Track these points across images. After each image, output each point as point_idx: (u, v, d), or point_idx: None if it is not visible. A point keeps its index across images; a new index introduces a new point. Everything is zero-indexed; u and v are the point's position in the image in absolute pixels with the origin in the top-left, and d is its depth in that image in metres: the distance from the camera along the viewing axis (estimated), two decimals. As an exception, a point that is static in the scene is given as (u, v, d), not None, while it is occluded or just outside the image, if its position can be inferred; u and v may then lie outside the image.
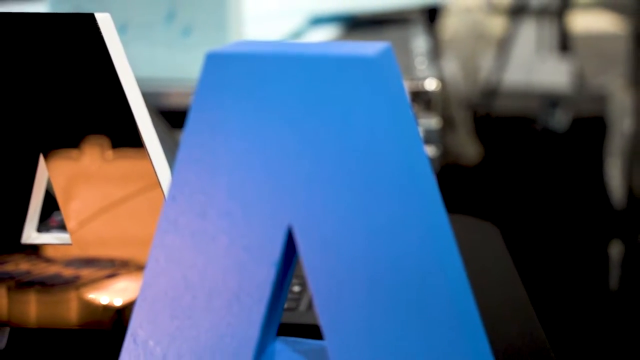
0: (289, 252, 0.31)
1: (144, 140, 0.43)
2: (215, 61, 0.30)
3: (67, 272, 0.45)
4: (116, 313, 0.44)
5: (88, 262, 0.45)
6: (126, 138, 0.43)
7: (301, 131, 0.30)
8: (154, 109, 0.60)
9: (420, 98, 0.80)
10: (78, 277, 0.45)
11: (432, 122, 0.80)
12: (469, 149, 1.73)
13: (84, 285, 0.45)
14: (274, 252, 0.31)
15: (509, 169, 1.70)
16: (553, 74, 2.00)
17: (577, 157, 1.65)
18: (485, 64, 2.16)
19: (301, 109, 0.29)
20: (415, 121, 0.31)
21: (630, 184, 1.37)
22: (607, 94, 1.87)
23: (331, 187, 0.30)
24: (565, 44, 2.10)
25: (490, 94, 1.89)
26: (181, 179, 0.31)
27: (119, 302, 0.44)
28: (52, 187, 0.46)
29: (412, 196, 0.29)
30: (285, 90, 0.30)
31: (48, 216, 0.56)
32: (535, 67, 2.05)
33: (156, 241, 0.32)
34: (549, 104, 1.82)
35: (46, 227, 0.55)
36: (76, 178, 0.44)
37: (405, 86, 0.31)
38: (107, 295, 0.44)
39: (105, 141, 0.44)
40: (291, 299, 0.50)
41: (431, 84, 0.80)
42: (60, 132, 0.43)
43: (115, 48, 0.43)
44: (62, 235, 0.46)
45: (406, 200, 0.29)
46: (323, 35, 1.05)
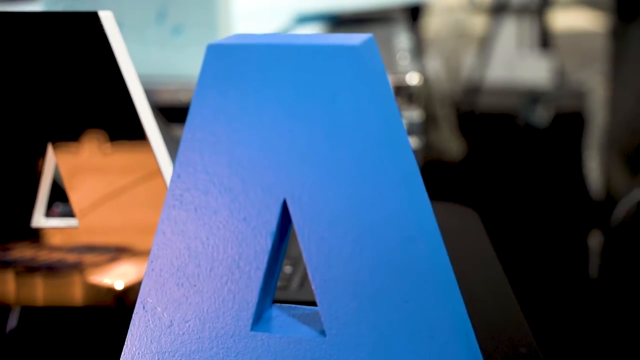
0: (284, 223, 0.35)
1: (146, 131, 0.46)
2: (216, 52, 0.34)
3: (73, 255, 0.48)
4: (120, 293, 0.47)
5: (92, 247, 0.48)
6: (129, 130, 0.46)
7: (294, 113, 0.33)
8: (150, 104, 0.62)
9: (403, 92, 0.83)
10: (83, 260, 0.48)
11: (414, 114, 0.83)
12: (452, 145, 1.76)
13: (90, 267, 0.48)
14: (271, 223, 0.34)
15: (492, 163, 1.73)
16: (534, 71, 2.04)
17: (558, 151, 1.69)
18: (468, 61, 2.20)
19: (294, 93, 0.33)
20: (396, 104, 0.34)
21: (608, 177, 1.41)
22: (586, 90, 1.92)
23: (322, 164, 0.33)
24: (546, 41, 2.14)
25: (473, 91, 1.92)
26: (185, 158, 0.34)
27: (121, 284, 0.47)
28: (55, 177, 0.49)
29: (394, 169, 0.32)
30: (278, 77, 0.33)
31: (48, 207, 0.58)
32: (516, 65, 2.08)
33: (163, 215, 0.35)
34: (530, 100, 1.85)
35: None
36: (82, 166, 0.47)
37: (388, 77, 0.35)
38: (111, 277, 0.47)
39: (110, 132, 0.46)
40: (283, 279, 0.53)
41: (413, 79, 0.83)
42: (67, 123, 0.46)
43: (118, 44, 0.45)
44: (68, 221, 0.49)
45: (388, 172, 0.32)
46: (308, 33, 1.08)
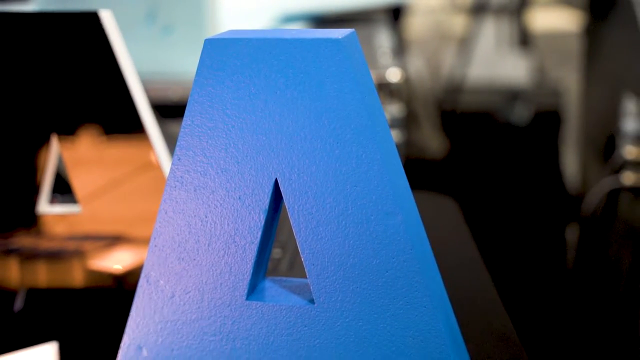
0: (276, 201, 0.38)
1: (145, 125, 0.49)
2: (212, 45, 0.37)
3: (74, 241, 0.51)
4: (119, 275, 0.51)
5: (93, 234, 0.51)
6: (129, 123, 0.49)
7: (284, 100, 0.36)
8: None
9: (384, 88, 0.87)
10: (84, 246, 0.51)
11: (394, 109, 0.86)
12: (434, 143, 1.80)
13: (91, 252, 0.51)
14: (263, 200, 0.38)
15: (472, 160, 1.77)
16: (513, 69, 2.08)
17: (536, 147, 1.73)
18: (448, 61, 2.24)
19: (283, 82, 0.36)
20: (376, 91, 0.38)
21: (584, 171, 1.45)
22: (563, 88, 1.96)
23: (309, 146, 0.37)
24: (525, 40, 2.18)
25: (454, 90, 1.96)
26: (185, 142, 0.38)
27: (120, 267, 0.50)
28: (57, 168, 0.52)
29: (374, 151, 0.36)
30: (269, 67, 0.36)
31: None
32: (496, 64, 2.13)
33: (165, 196, 0.39)
34: (509, 99, 1.89)
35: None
36: (84, 156, 0.50)
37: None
38: (111, 261, 0.51)
39: (110, 125, 0.49)
40: (272, 262, 0.57)
41: (394, 75, 0.87)
42: (70, 116, 0.49)
43: (117, 41, 0.48)
44: (71, 207, 0.52)
45: (370, 154, 0.36)
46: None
